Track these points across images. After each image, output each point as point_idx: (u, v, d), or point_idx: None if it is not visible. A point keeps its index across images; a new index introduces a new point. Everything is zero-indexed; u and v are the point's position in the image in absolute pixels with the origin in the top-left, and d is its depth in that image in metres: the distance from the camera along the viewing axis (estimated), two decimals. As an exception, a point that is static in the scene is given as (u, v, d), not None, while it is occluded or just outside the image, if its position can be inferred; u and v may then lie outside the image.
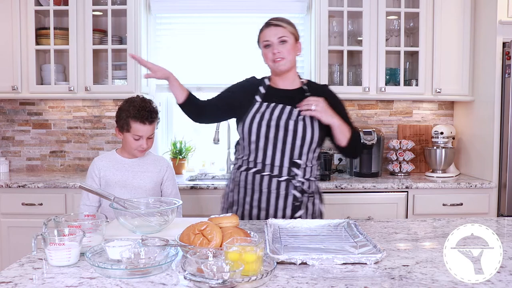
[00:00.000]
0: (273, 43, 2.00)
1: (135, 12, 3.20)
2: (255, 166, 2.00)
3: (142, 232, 1.57)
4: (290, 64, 2.03)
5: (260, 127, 1.97)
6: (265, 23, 2.07)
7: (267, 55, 2.04)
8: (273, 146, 1.97)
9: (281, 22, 2.02)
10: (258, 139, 1.98)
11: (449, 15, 3.24)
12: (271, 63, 2.03)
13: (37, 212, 2.95)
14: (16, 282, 1.17)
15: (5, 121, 3.59)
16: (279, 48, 1.99)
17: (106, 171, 2.18)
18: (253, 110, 2.02)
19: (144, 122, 2.14)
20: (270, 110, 2.00)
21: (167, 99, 3.71)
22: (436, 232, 1.71)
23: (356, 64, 3.41)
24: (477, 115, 3.27)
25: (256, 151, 1.99)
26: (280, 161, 1.97)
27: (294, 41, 2.03)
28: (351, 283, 1.16)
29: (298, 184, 1.99)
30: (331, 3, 3.26)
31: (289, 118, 1.97)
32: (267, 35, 2.02)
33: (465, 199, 3.05)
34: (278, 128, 1.96)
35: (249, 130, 1.99)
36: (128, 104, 2.16)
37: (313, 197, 2.06)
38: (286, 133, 1.96)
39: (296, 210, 2.00)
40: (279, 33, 2.00)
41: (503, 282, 1.18)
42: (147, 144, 2.18)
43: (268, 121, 1.98)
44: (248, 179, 2.01)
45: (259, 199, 1.99)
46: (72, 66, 3.20)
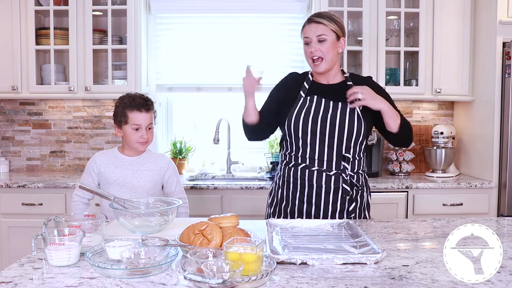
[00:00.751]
0: (312, 40, 1.98)
1: (135, 12, 3.20)
2: (304, 162, 2.00)
3: (142, 232, 1.57)
4: (328, 64, 2.00)
5: (307, 123, 1.97)
6: (308, 19, 2.04)
7: (306, 52, 2.02)
8: (320, 140, 1.97)
9: (322, 19, 1.98)
10: (306, 135, 1.97)
11: (449, 15, 3.24)
12: (310, 61, 2.02)
13: (37, 212, 2.95)
14: (16, 282, 1.17)
15: (5, 121, 3.59)
16: (317, 46, 1.97)
17: (106, 168, 2.17)
18: (298, 105, 2.01)
19: (141, 110, 2.13)
20: (315, 104, 2.00)
21: (167, 99, 3.71)
22: (436, 232, 1.71)
23: (356, 64, 3.41)
24: (477, 115, 3.27)
25: (304, 146, 1.99)
26: (329, 155, 1.97)
27: (335, 39, 1.99)
28: (351, 283, 1.16)
29: (348, 178, 1.98)
30: (331, 3, 3.26)
31: (335, 112, 1.97)
32: (307, 32, 2.00)
33: (465, 199, 3.05)
34: (325, 122, 1.96)
35: (295, 125, 1.98)
36: (122, 98, 2.19)
37: (362, 190, 2.04)
38: (333, 127, 1.95)
39: (347, 204, 1.99)
40: (318, 31, 1.97)
41: (503, 282, 1.18)
42: (147, 135, 2.15)
43: (314, 115, 1.97)
44: (298, 175, 2.01)
45: (309, 194, 1.99)
46: (72, 66, 3.20)
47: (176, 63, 3.54)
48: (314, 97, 2.01)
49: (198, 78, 3.54)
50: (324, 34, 1.97)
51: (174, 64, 3.54)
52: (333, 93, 2.02)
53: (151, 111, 2.18)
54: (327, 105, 1.99)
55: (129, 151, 2.21)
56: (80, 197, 2.19)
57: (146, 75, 3.37)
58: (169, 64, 3.55)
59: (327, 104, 1.99)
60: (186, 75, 3.54)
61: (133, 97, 2.17)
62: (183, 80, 3.56)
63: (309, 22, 2.01)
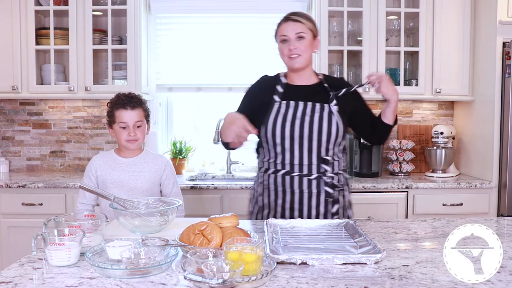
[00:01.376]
0: (290, 38, 1.96)
1: (135, 12, 3.20)
2: (284, 168, 1.98)
3: (142, 232, 1.57)
4: (306, 61, 1.99)
5: (284, 128, 1.94)
6: (283, 17, 2.02)
7: (283, 50, 1.99)
8: (299, 145, 1.95)
9: (300, 18, 1.98)
10: (284, 140, 1.95)
11: (449, 15, 3.24)
12: (286, 58, 1.99)
13: (37, 212, 2.95)
14: (16, 282, 1.17)
15: (5, 121, 3.59)
16: (296, 44, 1.95)
17: (102, 171, 2.17)
18: (273, 111, 1.98)
19: (126, 107, 2.13)
20: (292, 109, 1.97)
21: (167, 99, 3.71)
22: (436, 232, 1.71)
23: (356, 64, 3.41)
24: (477, 115, 3.27)
25: (283, 152, 1.97)
26: (309, 159, 1.96)
27: (312, 38, 1.99)
28: (351, 283, 1.16)
29: (329, 180, 1.98)
30: (331, 3, 3.26)
31: (313, 115, 1.95)
32: (284, 30, 1.98)
33: (465, 199, 3.05)
34: (302, 126, 1.94)
35: (272, 132, 1.95)
36: (111, 99, 2.21)
37: (343, 189, 2.05)
38: (311, 131, 1.94)
39: (330, 206, 1.99)
40: (297, 29, 1.96)
41: (503, 282, 1.18)
42: (135, 133, 2.14)
43: (291, 120, 1.95)
44: (278, 181, 1.99)
45: (292, 200, 1.98)
46: (72, 66, 3.20)
47: (176, 63, 3.54)
48: (290, 102, 1.98)
49: (198, 78, 3.54)
50: (303, 32, 1.96)
51: (174, 64, 3.54)
52: (309, 95, 2.00)
53: (138, 108, 2.16)
54: (305, 108, 1.97)
55: (125, 152, 2.20)
56: (85, 204, 2.19)
57: (146, 75, 3.37)
58: (169, 64, 3.55)
59: (305, 107, 1.97)
60: (186, 75, 3.54)
61: (119, 95, 2.18)
62: (183, 80, 3.56)
63: (286, 20, 1.99)
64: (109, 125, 2.20)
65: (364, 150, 3.28)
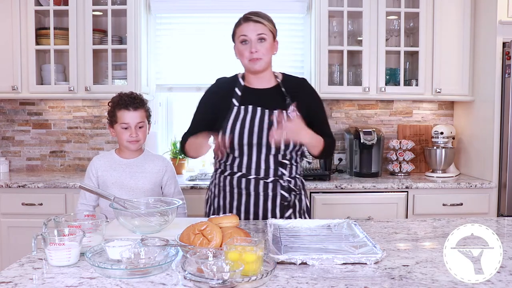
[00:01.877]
0: (251, 40, 1.89)
1: (135, 12, 3.20)
2: (240, 170, 1.95)
3: (142, 232, 1.57)
4: (266, 64, 1.94)
5: (243, 135, 1.90)
6: (243, 17, 1.94)
7: (243, 52, 1.92)
8: (257, 151, 1.91)
9: (261, 19, 1.91)
10: (242, 146, 1.91)
11: (449, 15, 3.24)
12: (246, 61, 1.92)
13: (37, 212, 2.95)
14: (16, 282, 1.17)
15: (5, 121, 3.59)
16: (257, 47, 1.89)
17: (103, 171, 2.17)
18: (232, 116, 1.94)
19: (128, 108, 2.12)
20: (250, 115, 1.93)
21: (167, 99, 3.71)
22: (436, 232, 1.71)
23: (356, 64, 3.41)
24: (477, 115, 3.27)
25: (240, 156, 1.93)
26: (266, 163, 1.92)
27: (272, 40, 1.94)
28: (351, 283, 1.16)
29: (285, 184, 1.96)
30: (331, 3, 3.26)
31: (271, 123, 1.88)
32: (245, 30, 1.90)
33: (465, 199, 3.05)
34: (261, 133, 1.90)
35: (231, 136, 1.90)
36: (112, 98, 2.20)
37: (299, 194, 2.03)
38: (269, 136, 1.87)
39: (285, 210, 1.97)
40: (258, 30, 1.89)
41: (503, 282, 1.18)
42: (137, 134, 2.13)
43: (250, 127, 1.90)
44: (234, 183, 1.96)
45: (247, 203, 1.95)
46: (72, 66, 3.20)
47: (176, 63, 3.54)
48: (248, 107, 1.94)
49: (198, 78, 3.53)
50: (264, 33, 1.90)
51: (174, 64, 3.54)
52: (267, 99, 1.96)
53: (140, 109, 2.15)
54: (263, 114, 1.92)
55: (126, 152, 2.20)
56: (85, 205, 2.18)
57: (146, 75, 3.37)
58: (169, 64, 3.55)
59: (263, 113, 1.92)
60: (186, 75, 3.54)
61: (121, 95, 2.17)
62: (183, 80, 3.56)
63: (246, 20, 1.92)
64: (110, 124, 2.19)
65: (364, 150, 3.28)
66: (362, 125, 3.55)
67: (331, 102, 3.59)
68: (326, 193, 3.00)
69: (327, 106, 3.58)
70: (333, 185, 3.00)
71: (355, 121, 3.61)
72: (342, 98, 3.51)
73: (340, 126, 3.60)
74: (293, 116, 1.80)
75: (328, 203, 2.98)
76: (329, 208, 2.97)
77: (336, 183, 3.03)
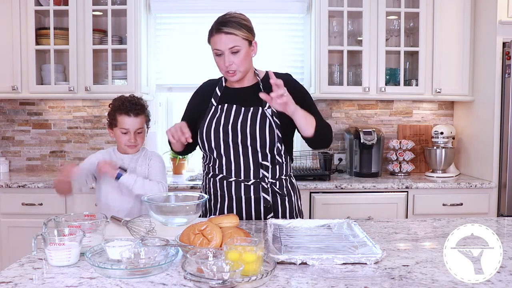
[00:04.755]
0: (224, 53, 1.83)
1: (135, 12, 3.20)
2: (221, 172, 1.91)
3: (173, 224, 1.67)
4: (243, 74, 1.90)
5: (218, 133, 1.87)
6: (215, 27, 1.86)
7: (218, 63, 1.88)
8: (234, 150, 1.87)
9: (232, 29, 1.82)
10: (219, 146, 1.88)
11: (449, 15, 3.24)
12: (223, 72, 1.90)
13: (37, 212, 2.95)
14: (16, 282, 1.17)
15: (5, 121, 3.59)
16: (231, 59, 1.83)
17: None
18: (209, 115, 1.92)
19: (129, 114, 2.13)
20: (225, 113, 1.90)
21: (167, 99, 3.71)
22: (436, 232, 1.71)
23: (356, 64, 3.41)
24: (477, 115, 3.27)
25: (219, 157, 1.90)
26: (245, 165, 1.87)
27: (247, 47, 1.86)
28: (351, 283, 1.16)
29: (268, 186, 1.90)
30: (331, 3, 3.26)
31: (245, 119, 1.86)
32: (217, 43, 1.84)
33: (465, 199, 3.05)
34: (235, 131, 1.86)
35: (207, 137, 1.89)
36: (114, 100, 2.20)
37: (289, 196, 1.96)
38: (244, 136, 1.85)
39: (267, 214, 1.90)
40: (230, 43, 1.82)
41: (503, 282, 1.18)
42: (136, 139, 2.15)
43: (224, 125, 1.87)
44: (217, 186, 1.93)
45: (230, 206, 1.91)
46: (72, 66, 3.20)
47: (176, 63, 3.54)
48: (224, 106, 1.91)
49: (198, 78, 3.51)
50: (237, 45, 1.82)
51: (174, 64, 3.54)
52: (244, 97, 1.92)
53: (141, 115, 2.17)
54: (238, 112, 1.88)
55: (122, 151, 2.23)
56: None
57: (146, 75, 3.37)
58: (169, 64, 3.55)
59: (238, 111, 1.89)
60: (186, 75, 3.54)
61: (123, 100, 2.17)
62: (183, 80, 3.56)
63: (218, 32, 1.84)
64: (109, 126, 2.21)
65: (364, 150, 3.28)
66: (362, 125, 3.55)
67: (331, 102, 3.59)
68: (326, 193, 3.00)
69: (327, 106, 3.59)
70: (333, 185, 3.00)
71: (355, 121, 3.61)
72: (342, 98, 3.51)
73: (340, 126, 3.60)
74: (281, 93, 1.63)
75: (328, 203, 2.98)
76: (329, 208, 2.97)
77: (336, 183, 3.03)
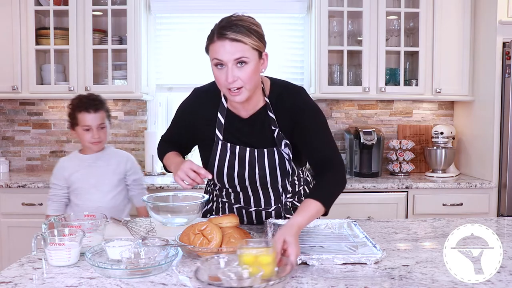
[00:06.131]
0: (227, 64, 1.45)
1: (135, 12, 3.20)
2: (238, 203, 1.79)
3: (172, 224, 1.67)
4: (250, 92, 1.50)
5: (233, 178, 1.67)
6: (217, 31, 1.49)
7: (219, 77, 1.49)
8: (252, 190, 1.74)
9: (239, 35, 1.44)
10: (235, 188, 1.73)
11: (449, 15, 3.24)
12: (224, 89, 1.51)
13: (37, 212, 2.95)
14: (16, 282, 1.17)
15: (5, 121, 3.59)
16: (236, 73, 1.44)
17: (70, 171, 2.25)
18: (217, 153, 1.66)
19: (88, 110, 2.18)
20: (238, 158, 1.65)
21: (167, 99, 3.71)
22: (436, 232, 1.71)
23: (356, 64, 3.41)
24: (477, 115, 3.27)
25: (235, 194, 1.77)
26: (265, 197, 1.76)
27: (257, 58, 1.48)
28: (351, 283, 1.16)
29: (289, 206, 1.80)
30: (331, 3, 3.25)
31: (262, 162, 1.64)
32: (220, 52, 1.46)
33: (465, 199, 3.05)
34: (253, 177, 1.66)
35: (219, 179, 1.70)
36: (73, 100, 2.26)
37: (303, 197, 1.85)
38: (263, 179, 1.67)
39: None
40: (236, 53, 1.43)
41: (503, 282, 1.18)
42: (99, 135, 2.20)
43: (239, 171, 1.66)
44: (234, 211, 1.79)
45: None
46: (72, 66, 3.20)
47: (176, 63, 3.54)
48: (236, 148, 1.64)
49: (198, 78, 3.53)
50: (244, 56, 1.44)
51: (174, 64, 3.54)
52: (254, 133, 1.65)
53: (101, 110, 2.23)
54: (252, 157, 1.64)
55: (89, 151, 2.28)
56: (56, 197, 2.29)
57: (146, 75, 3.37)
58: (169, 64, 3.55)
59: (252, 155, 1.64)
60: (186, 75, 3.54)
61: (81, 98, 2.24)
62: (183, 80, 3.56)
63: (221, 38, 1.46)
64: (71, 126, 2.26)
65: (364, 150, 3.28)
66: (362, 125, 3.55)
67: (331, 102, 3.59)
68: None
69: (327, 106, 3.59)
70: (333, 185, 2.99)
71: (355, 121, 3.61)
72: (342, 98, 3.51)
73: (340, 126, 3.60)
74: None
75: (328, 203, 2.98)
76: (329, 208, 2.96)
77: (336, 183, 3.02)
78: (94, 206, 2.14)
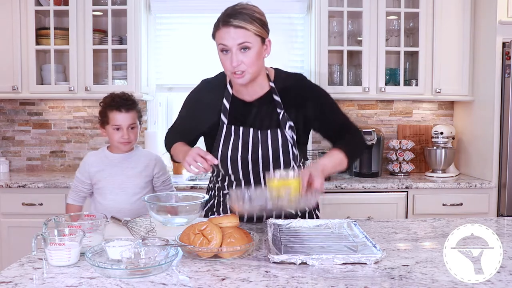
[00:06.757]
0: (231, 49, 1.57)
1: (135, 12, 3.20)
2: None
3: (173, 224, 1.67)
4: (253, 76, 1.63)
5: (236, 161, 1.73)
6: (223, 18, 1.60)
7: (223, 62, 1.63)
8: (254, 173, 1.76)
9: (243, 22, 1.56)
10: (237, 172, 1.77)
11: (449, 15, 3.24)
12: (229, 73, 1.64)
13: (37, 212, 2.95)
14: (16, 282, 1.17)
15: (5, 121, 3.59)
16: (239, 57, 1.57)
17: (96, 167, 2.20)
18: (222, 137, 1.74)
19: (120, 110, 2.13)
20: (242, 138, 1.72)
21: (167, 99, 3.71)
22: (436, 232, 1.71)
23: (356, 64, 3.41)
24: (477, 115, 3.27)
25: (237, 180, 1.79)
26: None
27: (260, 44, 1.60)
28: (351, 283, 1.16)
29: None
30: (331, 3, 3.26)
31: (266, 145, 1.71)
32: (224, 38, 1.58)
33: (465, 199, 3.05)
34: (256, 161, 1.72)
35: (223, 164, 1.74)
36: (104, 98, 2.21)
37: None
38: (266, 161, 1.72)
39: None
40: (239, 38, 1.56)
41: (503, 282, 1.18)
42: (129, 135, 2.15)
43: (243, 152, 1.71)
44: None
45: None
46: (72, 66, 3.20)
47: (176, 63, 3.54)
48: (239, 129, 1.72)
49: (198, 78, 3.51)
50: (247, 41, 1.56)
51: (174, 64, 3.54)
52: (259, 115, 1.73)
53: (132, 110, 2.17)
54: (255, 138, 1.71)
55: (117, 150, 2.23)
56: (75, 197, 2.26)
57: (146, 75, 3.37)
58: (169, 64, 3.55)
59: (255, 136, 1.71)
60: (186, 75, 3.54)
61: (113, 96, 2.17)
62: (183, 80, 3.56)
63: (226, 25, 1.57)
64: (101, 125, 2.22)
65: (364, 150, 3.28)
66: (362, 125, 3.55)
67: (331, 102, 3.59)
68: (326, 193, 2.98)
69: (327, 106, 3.58)
70: (333, 185, 3.00)
71: (355, 121, 3.59)
72: (342, 98, 3.50)
73: (340, 126, 3.60)
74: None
75: (328, 203, 2.98)
76: (329, 208, 2.96)
77: (336, 183, 3.03)
78: (118, 207, 2.10)
